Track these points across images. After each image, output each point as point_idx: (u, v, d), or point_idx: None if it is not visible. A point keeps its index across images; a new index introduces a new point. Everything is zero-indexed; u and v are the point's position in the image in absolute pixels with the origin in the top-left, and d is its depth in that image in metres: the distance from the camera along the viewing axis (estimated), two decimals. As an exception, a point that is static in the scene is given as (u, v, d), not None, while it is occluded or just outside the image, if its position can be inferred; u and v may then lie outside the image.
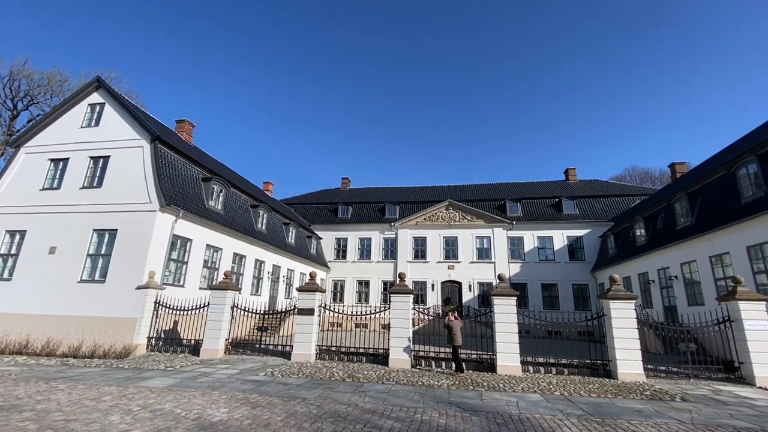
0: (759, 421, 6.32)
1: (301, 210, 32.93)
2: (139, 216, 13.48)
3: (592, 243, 27.20)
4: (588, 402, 7.48)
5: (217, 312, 12.34)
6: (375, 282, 29.20)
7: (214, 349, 11.97)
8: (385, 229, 30.23)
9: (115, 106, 15.75)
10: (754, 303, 9.75)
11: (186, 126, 21.77)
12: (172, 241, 14.04)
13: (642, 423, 6.12)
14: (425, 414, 6.34)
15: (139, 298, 12.54)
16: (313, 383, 8.55)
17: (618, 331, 10.03)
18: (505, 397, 7.69)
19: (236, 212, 19.18)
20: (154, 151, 14.32)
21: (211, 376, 9.03)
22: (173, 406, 6.42)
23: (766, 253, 12.69)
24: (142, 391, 7.51)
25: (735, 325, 9.91)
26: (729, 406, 7.28)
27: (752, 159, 13.55)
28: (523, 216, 28.86)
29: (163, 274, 13.59)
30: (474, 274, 27.93)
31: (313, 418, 5.91)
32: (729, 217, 14.02)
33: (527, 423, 5.99)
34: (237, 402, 6.79)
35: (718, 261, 14.95)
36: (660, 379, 9.91)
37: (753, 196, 13.30)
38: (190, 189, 15.83)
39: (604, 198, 28.93)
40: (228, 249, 17.72)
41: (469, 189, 35.01)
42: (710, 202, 15.92)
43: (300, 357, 11.57)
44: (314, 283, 12.46)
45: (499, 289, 11.09)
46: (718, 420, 6.34)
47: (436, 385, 8.71)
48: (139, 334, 12.28)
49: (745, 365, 9.59)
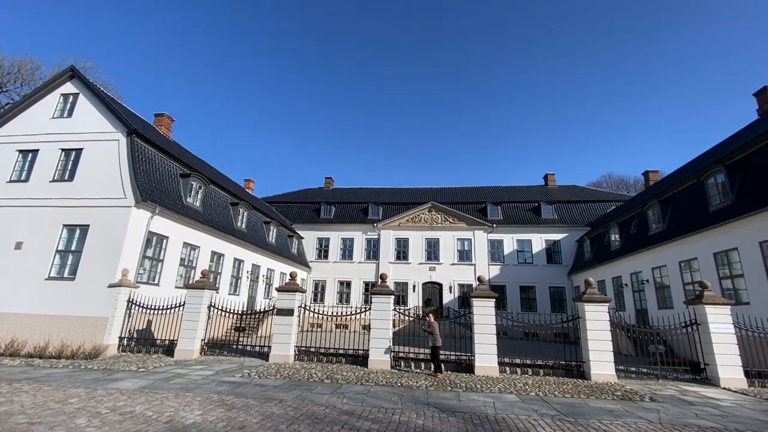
0: (723, 420, 6.59)
1: (283, 209, 32.54)
2: (113, 212, 13.03)
3: (569, 247, 27.90)
4: (562, 402, 7.65)
5: (193, 312, 12.04)
6: (357, 282, 29.12)
7: (189, 350, 11.67)
8: (368, 230, 30.20)
9: (89, 97, 15.18)
10: (719, 307, 10.19)
11: (165, 120, 21.19)
12: (147, 238, 13.62)
13: (612, 423, 6.30)
14: (403, 415, 6.35)
15: (111, 296, 12.11)
16: (291, 384, 8.45)
17: (592, 333, 10.31)
18: (482, 398, 7.78)
19: (215, 210, 18.78)
20: (130, 145, 13.86)
21: (185, 378, 8.80)
22: (144, 409, 6.22)
23: (731, 259, 13.31)
24: (111, 393, 7.25)
25: (701, 328, 10.33)
26: (695, 406, 7.58)
27: (720, 169, 14.19)
28: (504, 219, 29.35)
29: (137, 272, 13.17)
30: (455, 275, 28.22)
31: (290, 420, 5.84)
32: (698, 225, 14.64)
33: (503, 423, 6.07)
34: (212, 404, 6.64)
35: (686, 266, 15.57)
36: (630, 380, 10.24)
37: (720, 205, 13.92)
38: (167, 185, 15.41)
39: (582, 203, 29.72)
40: (206, 247, 17.34)
41: (451, 192, 35.36)
42: (681, 209, 16.58)
43: (278, 358, 11.41)
44: (294, 283, 12.33)
45: (478, 290, 11.23)
46: (684, 420, 6.59)
47: (415, 386, 8.74)
48: (110, 334, 11.86)
49: (710, 367, 10.01)
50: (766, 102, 16.41)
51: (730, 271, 13.37)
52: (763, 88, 16.60)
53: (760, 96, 16.82)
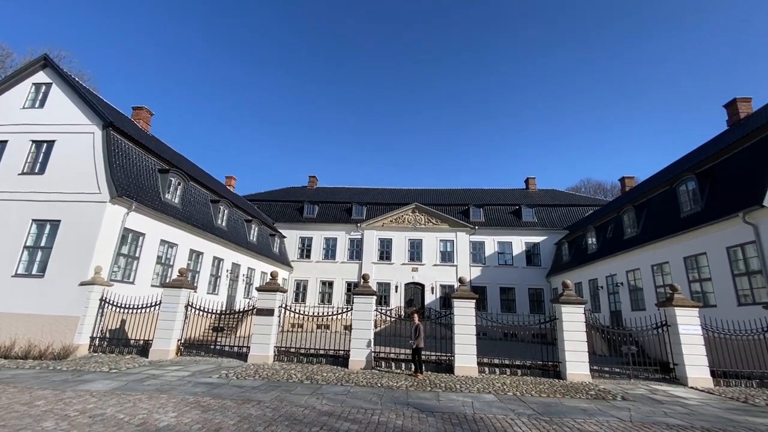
0: (689, 418, 6.86)
1: (265, 207, 32.09)
2: (87, 207, 12.58)
3: (548, 249, 28.52)
4: (538, 402, 7.81)
5: (169, 311, 11.74)
6: (339, 282, 28.98)
7: (164, 350, 11.37)
8: (351, 230, 30.11)
9: (63, 87, 14.62)
10: (688, 309, 10.60)
11: (143, 114, 20.62)
12: (122, 234, 13.21)
13: (586, 421, 6.47)
14: (383, 415, 6.36)
15: (82, 294, 11.69)
16: (269, 385, 8.34)
17: (568, 334, 10.56)
18: (461, 398, 7.86)
19: (195, 207, 18.37)
20: (106, 139, 13.41)
21: (160, 379, 8.57)
22: (116, 411, 6.02)
23: (700, 263, 13.87)
24: (81, 394, 6.99)
25: (671, 329, 10.73)
26: (664, 405, 7.86)
27: (691, 177, 14.77)
28: (485, 221, 29.77)
29: (111, 270, 12.75)
30: (437, 276, 28.44)
31: (267, 422, 5.76)
32: (669, 230, 15.20)
33: (481, 423, 6.15)
34: (187, 406, 6.48)
35: (659, 269, 16.15)
36: (604, 380, 10.54)
37: (691, 211, 14.49)
38: (145, 180, 14.98)
39: (561, 207, 30.44)
40: (184, 245, 16.94)
41: (435, 193, 35.64)
42: (654, 214, 17.18)
43: (257, 358, 11.25)
44: (275, 282, 12.18)
45: (459, 291, 11.35)
46: (654, 418, 6.83)
47: (395, 386, 8.76)
48: (81, 334, 11.45)
49: (679, 366, 10.40)
50: (735, 113, 17.16)
51: (699, 275, 13.93)
52: (732, 101, 17.36)
53: (729, 108, 17.60)
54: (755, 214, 11.33)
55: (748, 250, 11.88)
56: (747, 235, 11.75)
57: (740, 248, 12.16)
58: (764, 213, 11.10)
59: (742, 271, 12.12)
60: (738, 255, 12.27)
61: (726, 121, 17.85)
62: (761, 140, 12.21)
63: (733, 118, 17.31)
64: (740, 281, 12.17)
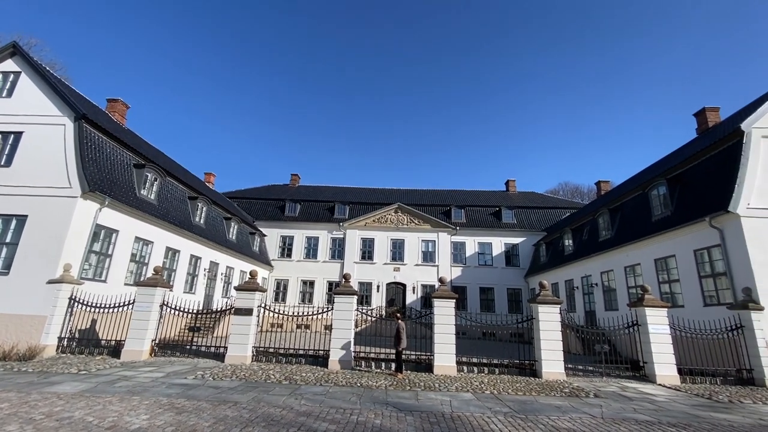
0: (657, 414, 7.13)
1: (246, 205, 31.55)
2: (56, 202, 12.08)
3: (527, 250, 29.12)
4: (515, 400, 7.96)
5: (143, 310, 11.39)
6: (320, 282, 28.79)
7: (137, 351, 11.03)
8: (334, 229, 29.96)
9: (33, 76, 13.99)
10: (657, 309, 11.02)
11: (119, 106, 19.95)
12: (94, 231, 12.74)
13: (560, 418, 6.64)
14: (361, 415, 6.35)
15: (50, 293, 11.22)
16: (247, 386, 8.21)
17: (544, 333, 10.80)
18: (439, 397, 7.94)
19: (172, 203, 17.90)
20: (78, 131, 12.90)
21: (132, 380, 8.31)
22: (84, 414, 5.81)
23: (669, 265, 14.43)
24: (48, 397, 6.71)
25: (642, 328, 11.12)
26: (633, 402, 8.15)
27: (662, 182, 15.35)
28: (467, 222, 30.14)
29: (81, 268, 12.29)
30: (418, 276, 28.62)
31: (244, 423, 5.67)
32: (642, 233, 15.76)
33: (458, 421, 6.23)
34: (160, 408, 6.31)
35: (631, 271, 16.72)
36: (578, 378, 10.83)
37: (662, 215, 15.06)
38: (119, 175, 14.50)
39: (539, 209, 31.12)
40: (160, 243, 16.48)
41: (417, 193, 35.84)
42: (627, 218, 17.78)
43: (235, 359, 11.05)
44: (254, 282, 11.99)
45: (439, 291, 11.45)
46: (624, 414, 7.07)
47: (375, 386, 8.77)
48: (48, 334, 10.98)
49: (648, 365, 10.79)
50: (704, 122, 17.93)
51: (669, 277, 14.50)
52: (701, 109, 18.13)
53: (699, 116, 18.37)
54: (721, 218, 11.88)
55: (714, 253, 12.43)
56: (713, 238, 12.30)
57: (707, 251, 12.72)
58: (729, 218, 11.65)
59: (708, 273, 12.68)
60: (704, 258, 12.83)
61: (695, 129, 18.63)
62: (728, 148, 12.81)
63: (702, 126, 18.09)
64: (706, 283, 12.73)
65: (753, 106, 13.87)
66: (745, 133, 12.20)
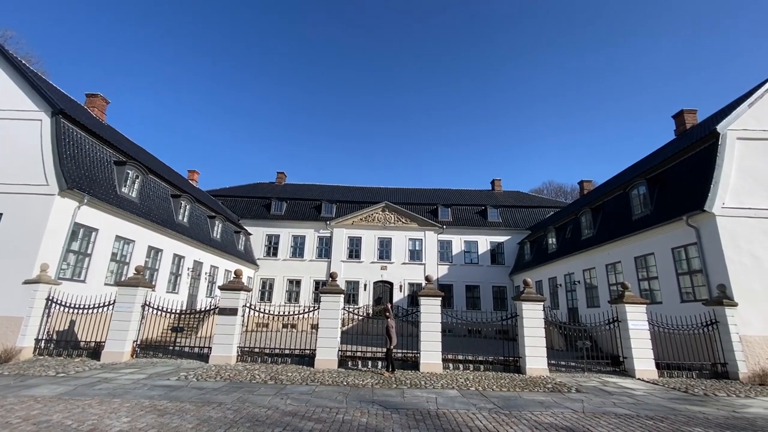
0: (636, 408, 7.34)
1: (230, 203, 31.12)
2: (32, 199, 11.70)
3: (512, 249, 29.53)
4: (499, 396, 8.08)
5: (124, 311, 11.13)
6: (307, 281, 28.62)
7: (118, 352, 10.78)
8: (321, 228, 29.80)
9: (7, 69, 13.46)
10: (637, 306, 11.31)
11: (98, 101, 19.42)
12: (73, 230, 12.39)
13: (543, 413, 6.77)
14: (347, 414, 6.36)
15: (26, 294, 10.87)
16: (231, 387, 8.11)
17: (528, 330, 10.97)
18: (425, 394, 8.00)
19: (154, 201, 17.52)
20: (55, 127, 12.50)
21: (112, 382, 8.12)
22: (63, 417, 5.66)
23: (648, 263, 14.83)
24: (24, 400, 6.51)
25: (622, 324, 11.40)
26: (613, 396, 8.36)
27: (642, 182, 15.75)
28: (453, 221, 30.37)
29: (59, 268, 11.93)
30: (405, 274, 28.72)
31: (228, 424, 5.60)
32: (622, 231, 16.15)
33: (443, 418, 6.29)
34: (142, 410, 6.19)
35: (612, 269, 17.12)
36: (561, 373, 11.05)
37: (641, 214, 15.46)
38: (99, 173, 14.12)
39: (524, 208, 31.58)
40: (142, 242, 16.12)
41: (404, 192, 35.94)
42: (609, 217, 18.19)
43: (219, 359, 10.90)
44: (239, 281, 11.84)
45: (426, 289, 11.52)
46: (604, 408, 7.26)
47: (361, 384, 8.78)
48: (24, 336, 10.64)
49: (627, 360, 11.08)
50: (682, 124, 18.46)
51: (648, 274, 14.91)
52: (680, 111, 18.65)
53: (677, 118, 18.89)
54: (697, 217, 12.26)
55: (691, 251, 12.84)
56: (689, 237, 12.69)
57: (684, 249, 13.12)
58: (705, 217, 12.03)
59: (685, 271, 13.08)
60: (682, 255, 13.23)
61: (674, 131, 19.15)
62: (704, 149, 13.22)
63: (680, 127, 18.61)
64: (683, 280, 13.14)
65: (728, 108, 14.34)
66: (721, 135, 12.61)
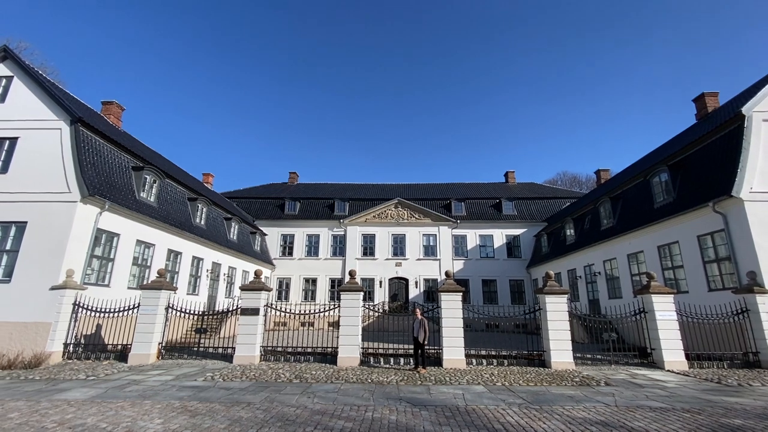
0: (670, 400, 7.14)
1: (245, 204, 31.41)
2: (56, 207, 11.94)
3: (528, 241, 29.14)
4: (527, 391, 7.96)
5: (149, 313, 11.32)
6: (323, 279, 28.76)
7: (145, 354, 10.97)
8: (334, 226, 29.88)
9: (26, 80, 13.76)
10: (664, 296, 11.03)
11: (114, 109, 19.73)
12: (95, 235, 12.62)
13: (574, 407, 6.64)
14: (376, 412, 6.33)
15: (53, 299, 11.12)
16: (258, 386, 8.17)
17: (552, 324, 10.80)
18: (452, 390, 7.93)
19: (172, 205, 17.76)
20: (74, 135, 12.73)
21: (142, 384, 8.26)
22: (97, 420, 5.76)
23: (672, 252, 14.45)
24: (58, 404, 6.65)
25: (648, 315, 11.13)
26: (645, 389, 8.16)
27: (664, 169, 15.32)
28: (467, 215, 30.11)
29: (84, 273, 12.17)
30: (420, 270, 28.61)
31: (259, 424, 5.63)
32: (644, 220, 15.76)
33: (474, 414, 6.21)
34: (173, 411, 6.27)
35: (634, 259, 16.74)
36: (587, 366, 10.85)
37: (664, 202, 15.06)
38: (118, 178, 14.35)
39: (539, 200, 31.11)
40: (162, 245, 16.36)
41: (417, 188, 35.77)
42: (629, 205, 17.77)
43: (243, 359, 11.01)
44: (260, 281, 11.91)
45: (446, 285, 11.42)
46: (637, 401, 7.08)
47: (386, 381, 8.75)
48: (53, 341, 10.89)
49: (656, 351, 10.82)
50: (704, 107, 17.89)
51: (672, 263, 14.53)
52: (700, 95, 18.08)
53: (698, 102, 18.32)
54: (724, 203, 11.87)
55: (717, 238, 12.45)
56: (716, 223, 12.30)
57: (710, 236, 12.73)
58: (732, 202, 11.64)
59: (712, 258, 12.70)
60: (708, 243, 12.84)
61: (695, 115, 18.59)
62: (729, 133, 12.78)
63: (702, 111, 18.04)
64: (710, 268, 12.76)
65: (753, 89, 13.83)
66: (746, 117, 12.17)
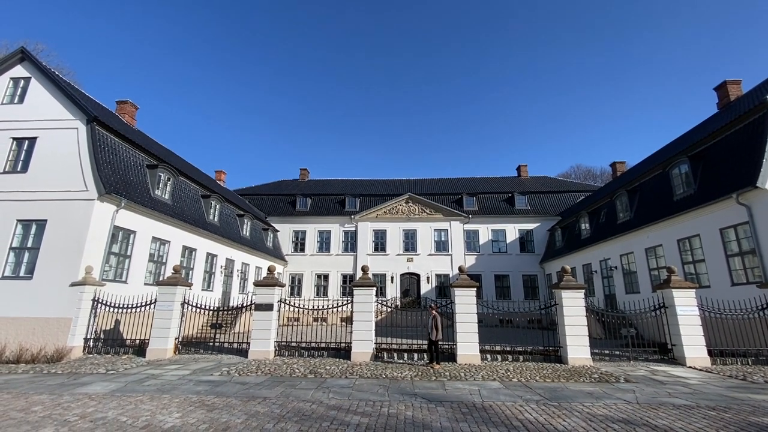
0: (693, 398, 6.94)
1: (257, 201, 31.66)
2: (74, 205, 12.18)
3: (541, 236, 28.73)
4: (544, 387, 7.84)
5: (165, 309, 11.50)
6: (334, 275, 28.86)
7: (162, 349, 11.16)
8: (345, 222, 29.91)
9: (43, 81, 14.02)
10: (685, 291, 10.73)
11: (128, 108, 20.01)
12: (112, 233, 12.84)
13: (594, 404, 6.50)
14: (392, 407, 6.29)
15: (73, 295, 11.38)
16: (273, 381, 8.22)
17: (569, 319, 10.61)
18: (467, 386, 7.85)
19: (186, 202, 17.97)
20: (91, 134, 12.94)
21: (160, 378, 8.39)
22: (117, 414, 5.85)
23: (693, 245, 14.05)
24: (79, 398, 6.79)
25: (669, 310, 10.85)
26: (666, 386, 7.95)
27: (684, 160, 14.87)
28: (479, 210, 29.81)
29: (102, 270, 12.41)
30: (432, 266, 28.48)
31: (276, 418, 5.65)
32: (662, 213, 15.34)
33: (490, 410, 6.13)
34: (191, 405, 6.33)
35: (652, 253, 16.33)
36: (605, 362, 10.65)
37: (684, 194, 14.63)
38: (133, 176, 14.55)
39: (553, 194, 30.60)
40: (177, 242, 16.58)
41: (428, 183, 35.54)
42: (647, 198, 17.32)
43: (258, 354, 11.11)
44: (273, 277, 11.98)
45: (459, 280, 11.31)
46: (659, 398, 6.90)
47: (400, 377, 8.72)
48: (74, 336, 11.16)
49: (677, 347, 10.55)
50: (726, 96, 17.27)
51: (692, 257, 14.12)
52: (722, 83, 17.46)
53: (719, 90, 17.70)
54: (748, 195, 11.46)
55: (741, 231, 12.04)
56: (740, 216, 11.90)
57: (733, 229, 12.32)
58: (757, 194, 11.23)
59: (735, 252, 12.30)
60: (731, 236, 12.43)
61: (716, 104, 17.98)
62: (753, 122, 12.30)
63: (723, 100, 17.43)
64: (733, 261, 12.36)
65: (779, 76, 13.26)
66: (772, 105, 11.69)
